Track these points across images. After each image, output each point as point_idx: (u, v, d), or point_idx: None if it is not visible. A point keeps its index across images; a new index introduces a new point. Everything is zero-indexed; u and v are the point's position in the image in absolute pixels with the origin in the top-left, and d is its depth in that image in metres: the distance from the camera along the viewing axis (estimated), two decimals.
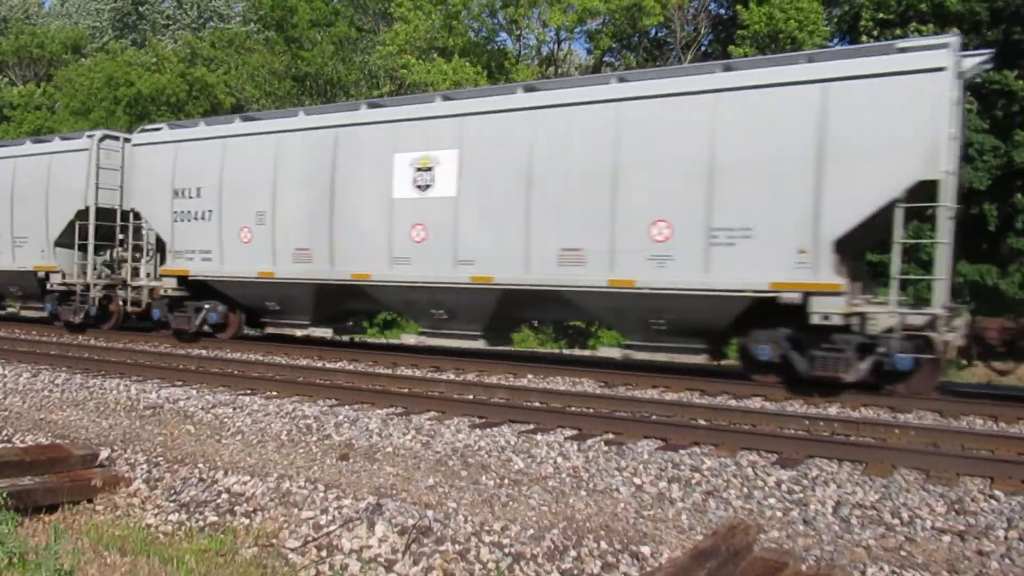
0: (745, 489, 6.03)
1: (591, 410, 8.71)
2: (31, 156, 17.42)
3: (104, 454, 7.04)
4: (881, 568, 4.68)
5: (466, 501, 5.80)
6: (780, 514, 5.61)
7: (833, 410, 9.05)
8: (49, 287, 16.89)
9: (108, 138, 16.68)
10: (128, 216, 16.14)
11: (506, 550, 5.14)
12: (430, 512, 5.55)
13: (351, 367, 12.20)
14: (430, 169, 12.01)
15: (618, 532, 5.24)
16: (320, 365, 12.36)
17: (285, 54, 27.00)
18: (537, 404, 8.99)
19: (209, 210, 14.33)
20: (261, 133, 13.91)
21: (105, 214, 16.28)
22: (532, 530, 5.27)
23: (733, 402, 9.52)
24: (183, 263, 14.71)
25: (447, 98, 12.49)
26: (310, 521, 5.69)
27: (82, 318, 16.35)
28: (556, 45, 26.26)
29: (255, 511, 5.95)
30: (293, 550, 5.46)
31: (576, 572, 4.92)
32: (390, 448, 7.28)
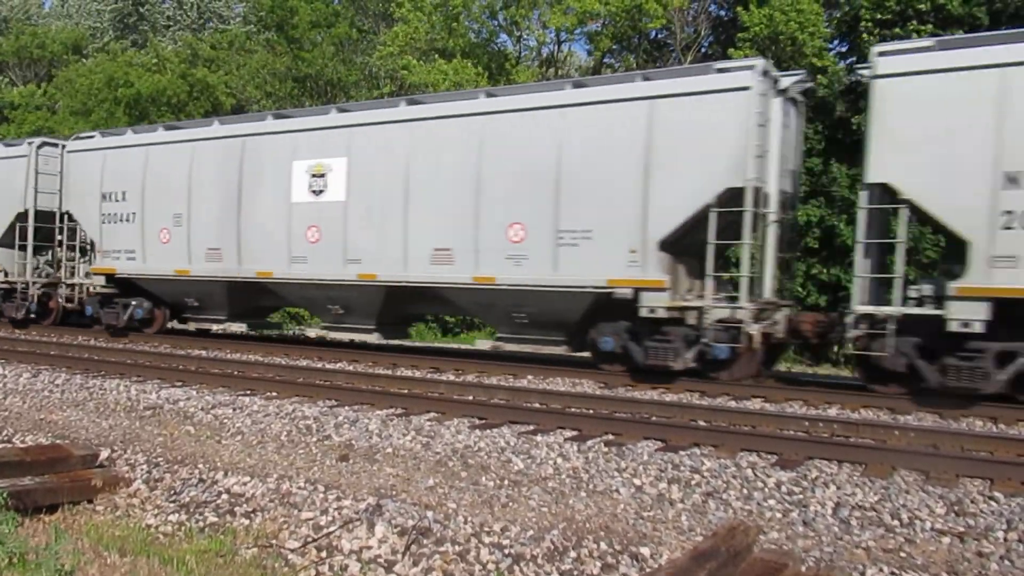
0: (745, 490, 6.03)
1: (591, 411, 8.71)
2: None
3: (104, 454, 7.04)
4: (881, 569, 4.68)
5: (466, 502, 5.81)
6: (780, 515, 5.61)
7: (833, 411, 9.06)
8: None
9: (47, 145, 17.73)
10: (64, 218, 17.23)
11: (506, 551, 5.15)
12: (430, 513, 5.55)
13: (351, 368, 12.21)
14: (323, 176, 13.13)
15: (618, 533, 5.24)
16: (320, 366, 12.38)
17: (286, 55, 26.99)
18: (537, 405, 9.00)
19: (133, 212, 15.53)
20: (179, 141, 15.13)
21: (45, 216, 17.35)
22: (532, 531, 5.28)
23: (733, 403, 9.54)
24: (110, 262, 15.91)
25: (342, 110, 13.68)
26: (310, 522, 5.70)
27: (23, 314, 17.38)
28: (556, 46, 26.31)
29: (255, 512, 5.95)
30: (293, 551, 5.47)
31: (576, 573, 4.93)
32: (390, 449, 7.28)
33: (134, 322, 15.80)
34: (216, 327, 15.50)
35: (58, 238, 17.38)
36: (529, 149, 11.28)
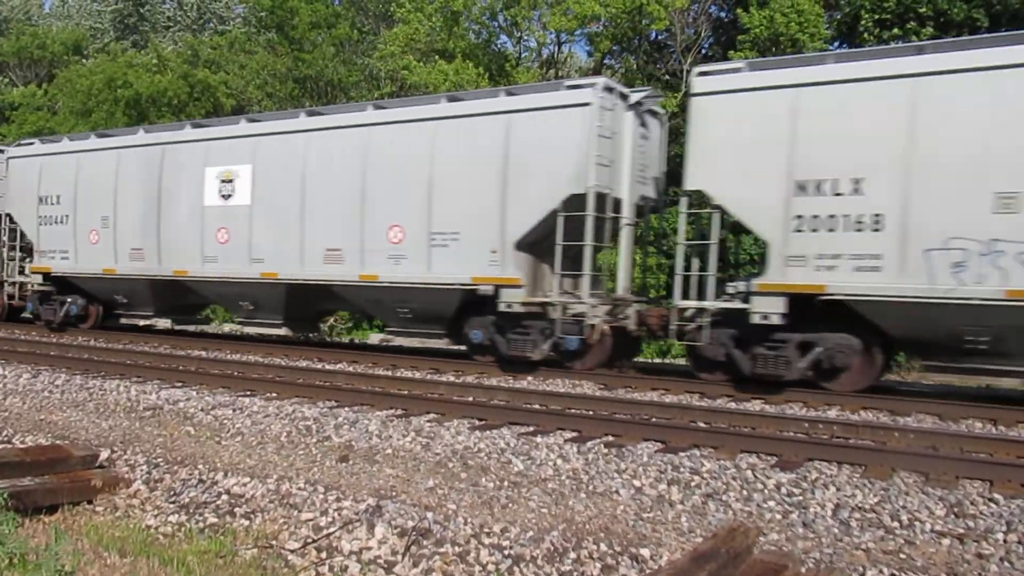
0: (745, 492, 6.03)
1: (591, 412, 8.71)
2: None
3: (104, 455, 7.04)
4: (880, 571, 4.68)
5: (466, 503, 5.81)
6: (780, 517, 5.61)
7: (832, 413, 9.07)
8: None
9: None
10: (6, 220, 18.46)
11: (506, 552, 5.15)
12: (430, 514, 5.55)
13: (351, 369, 12.22)
14: (231, 181, 14.18)
15: (618, 534, 5.24)
16: (320, 367, 12.39)
17: (287, 55, 26.98)
18: (537, 406, 9.00)
19: (66, 215, 16.63)
20: (107, 148, 16.18)
21: None
22: (532, 532, 5.28)
23: (732, 405, 9.54)
24: (47, 261, 17.05)
25: (251, 120, 14.71)
26: (310, 523, 5.70)
27: None
28: (556, 48, 26.29)
29: (255, 512, 5.95)
30: (293, 551, 5.47)
31: (576, 574, 4.93)
32: (390, 450, 7.28)
33: (70, 318, 16.96)
34: (142, 322, 17.17)
35: (2, 239, 18.59)
36: (407, 157, 12.27)
